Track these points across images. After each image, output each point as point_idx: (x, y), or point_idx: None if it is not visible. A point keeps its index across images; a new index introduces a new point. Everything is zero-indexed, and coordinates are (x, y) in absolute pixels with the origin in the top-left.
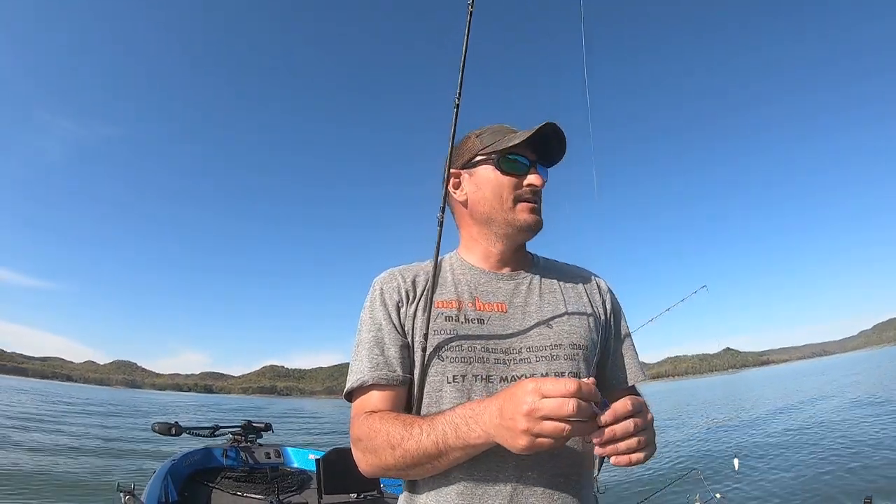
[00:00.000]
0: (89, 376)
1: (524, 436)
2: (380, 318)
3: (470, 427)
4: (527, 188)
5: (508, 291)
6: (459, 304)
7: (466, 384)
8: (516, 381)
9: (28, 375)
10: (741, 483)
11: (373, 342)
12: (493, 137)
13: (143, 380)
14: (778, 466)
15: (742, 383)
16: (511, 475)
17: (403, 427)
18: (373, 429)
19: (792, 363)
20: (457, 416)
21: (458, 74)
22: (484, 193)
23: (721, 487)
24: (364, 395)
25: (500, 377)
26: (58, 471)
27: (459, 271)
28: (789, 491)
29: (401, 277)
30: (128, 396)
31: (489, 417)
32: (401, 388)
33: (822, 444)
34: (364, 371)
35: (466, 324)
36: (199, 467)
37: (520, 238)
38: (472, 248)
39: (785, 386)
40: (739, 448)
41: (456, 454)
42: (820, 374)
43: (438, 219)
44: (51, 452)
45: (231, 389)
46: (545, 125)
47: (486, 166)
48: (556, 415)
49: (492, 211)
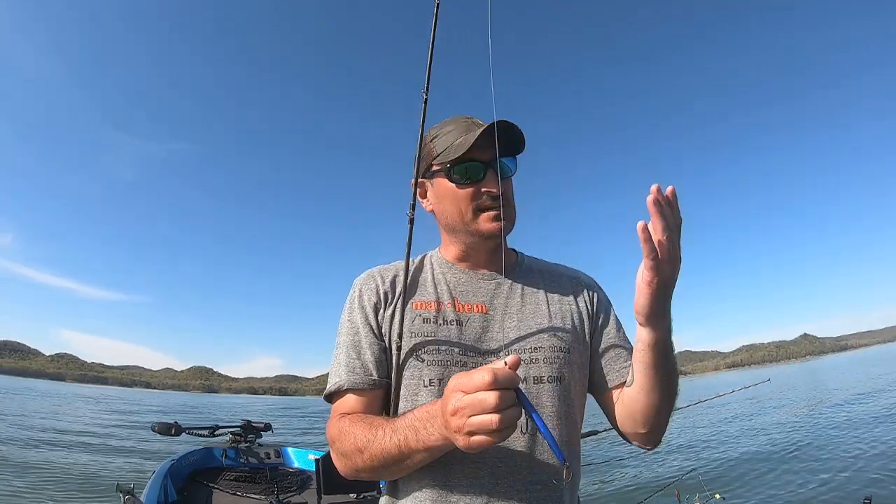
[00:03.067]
0: (168, 382)
1: (459, 436)
2: (357, 321)
3: (427, 430)
4: (484, 196)
5: (489, 292)
6: (438, 306)
7: (443, 386)
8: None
9: (108, 384)
10: (742, 485)
11: (350, 346)
12: (444, 142)
13: (219, 384)
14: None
15: (804, 371)
16: (486, 482)
17: (369, 430)
18: (343, 431)
19: (871, 348)
20: (416, 420)
21: (426, 70)
22: (445, 206)
23: (721, 487)
24: (341, 399)
25: None
26: (57, 471)
27: (439, 270)
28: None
29: (379, 278)
30: (205, 401)
31: (440, 420)
32: (377, 392)
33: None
34: (341, 375)
35: (445, 325)
36: (198, 467)
37: (486, 246)
38: (450, 249)
39: (862, 372)
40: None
41: (420, 456)
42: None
43: (408, 216)
44: (52, 450)
45: (305, 391)
46: (488, 125)
47: (441, 178)
48: (481, 410)
49: (454, 223)
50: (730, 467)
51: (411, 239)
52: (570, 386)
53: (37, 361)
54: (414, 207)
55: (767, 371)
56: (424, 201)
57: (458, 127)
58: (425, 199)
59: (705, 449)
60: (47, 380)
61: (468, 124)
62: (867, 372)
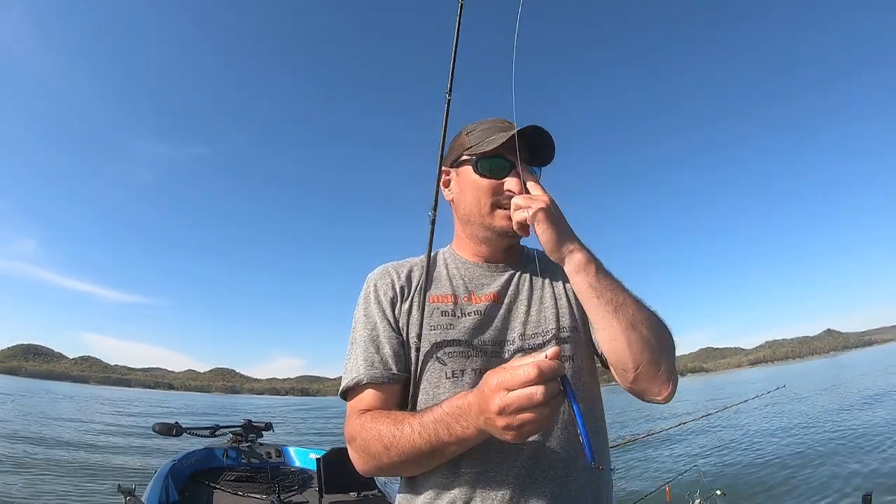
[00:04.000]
0: (190, 384)
1: (507, 432)
2: (374, 315)
3: (461, 425)
4: (506, 193)
5: (502, 283)
6: (455, 299)
7: (465, 378)
8: (485, 375)
9: (132, 386)
10: (743, 483)
11: (368, 340)
12: (479, 136)
13: (241, 385)
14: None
15: (826, 368)
16: (514, 468)
17: (395, 426)
18: (365, 428)
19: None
20: (446, 414)
21: (449, 68)
22: (466, 195)
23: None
24: (360, 395)
25: None
26: (57, 471)
27: (453, 265)
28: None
29: (395, 273)
30: (228, 402)
31: (475, 416)
32: (396, 386)
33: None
34: (360, 370)
35: (463, 318)
36: (199, 467)
37: (499, 242)
38: (464, 244)
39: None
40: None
41: (451, 449)
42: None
43: (430, 216)
44: (56, 450)
45: (327, 392)
46: (525, 128)
47: (468, 167)
48: (528, 405)
49: (470, 214)
50: (730, 467)
51: (432, 238)
52: (584, 363)
53: (61, 364)
54: (436, 208)
55: (790, 368)
56: (447, 190)
57: (496, 125)
58: (448, 188)
59: (708, 447)
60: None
61: (506, 126)
62: (888, 367)
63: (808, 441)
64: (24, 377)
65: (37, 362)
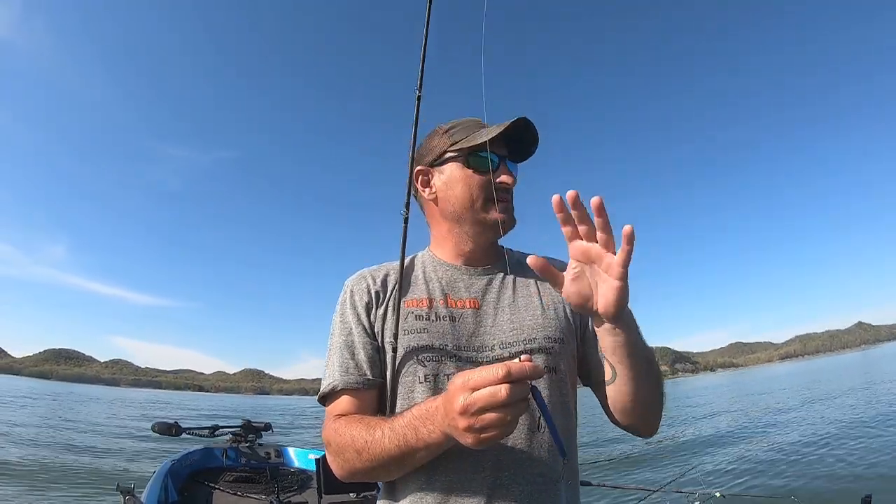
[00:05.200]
0: (220, 385)
1: (468, 434)
2: (350, 321)
3: (428, 429)
4: (498, 186)
5: (481, 287)
6: (430, 302)
7: (439, 383)
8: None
9: (162, 388)
10: (744, 482)
11: (343, 346)
12: (463, 133)
13: (270, 386)
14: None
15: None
16: (488, 476)
17: (367, 431)
18: (339, 433)
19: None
20: (415, 418)
21: (419, 66)
22: (454, 192)
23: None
24: (336, 400)
25: None
26: (58, 471)
27: (430, 268)
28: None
29: (371, 278)
30: (257, 402)
31: (440, 418)
32: (372, 392)
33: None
34: (336, 376)
35: (437, 322)
36: (199, 467)
37: (491, 236)
38: (443, 245)
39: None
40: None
41: (420, 454)
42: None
43: (403, 215)
44: (57, 451)
45: None
46: (518, 120)
47: (456, 164)
48: (490, 405)
49: (462, 210)
50: (731, 466)
51: (406, 237)
52: (566, 376)
53: (92, 368)
54: (409, 206)
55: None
56: (426, 190)
57: (475, 123)
58: (428, 187)
59: (708, 448)
60: (103, 385)
61: (482, 125)
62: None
63: (808, 441)
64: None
65: (68, 366)
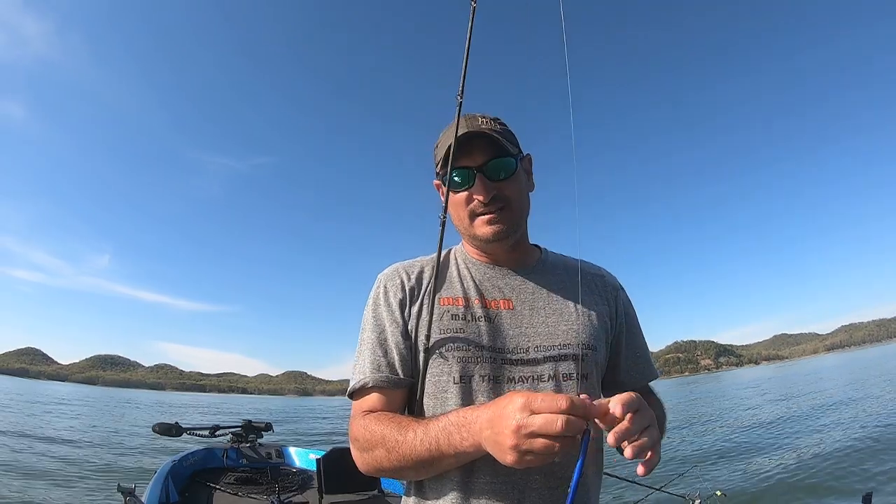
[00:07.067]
0: (263, 387)
1: (512, 452)
2: (383, 317)
3: (462, 436)
4: (475, 201)
5: (516, 287)
6: (466, 301)
7: (473, 385)
8: (509, 393)
9: (207, 391)
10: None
11: (376, 342)
12: (440, 151)
13: (313, 387)
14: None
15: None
16: (519, 479)
17: (398, 430)
18: (369, 430)
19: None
20: (450, 424)
21: (460, 71)
22: (451, 209)
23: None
24: (365, 396)
25: (508, 377)
26: (58, 471)
27: (464, 266)
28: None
29: (405, 274)
30: (300, 404)
31: (480, 428)
32: (402, 390)
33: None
34: (366, 372)
35: (473, 322)
36: (199, 467)
37: (489, 249)
38: (470, 247)
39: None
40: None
41: (448, 461)
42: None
43: (440, 219)
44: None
45: None
46: (460, 136)
47: (443, 184)
48: (545, 432)
49: (457, 226)
50: (732, 465)
51: (442, 240)
52: (595, 384)
53: (137, 373)
54: (446, 210)
55: (869, 352)
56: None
57: (449, 134)
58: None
59: (708, 448)
60: (148, 390)
61: (451, 132)
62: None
63: (809, 441)
64: (103, 386)
65: (114, 372)
